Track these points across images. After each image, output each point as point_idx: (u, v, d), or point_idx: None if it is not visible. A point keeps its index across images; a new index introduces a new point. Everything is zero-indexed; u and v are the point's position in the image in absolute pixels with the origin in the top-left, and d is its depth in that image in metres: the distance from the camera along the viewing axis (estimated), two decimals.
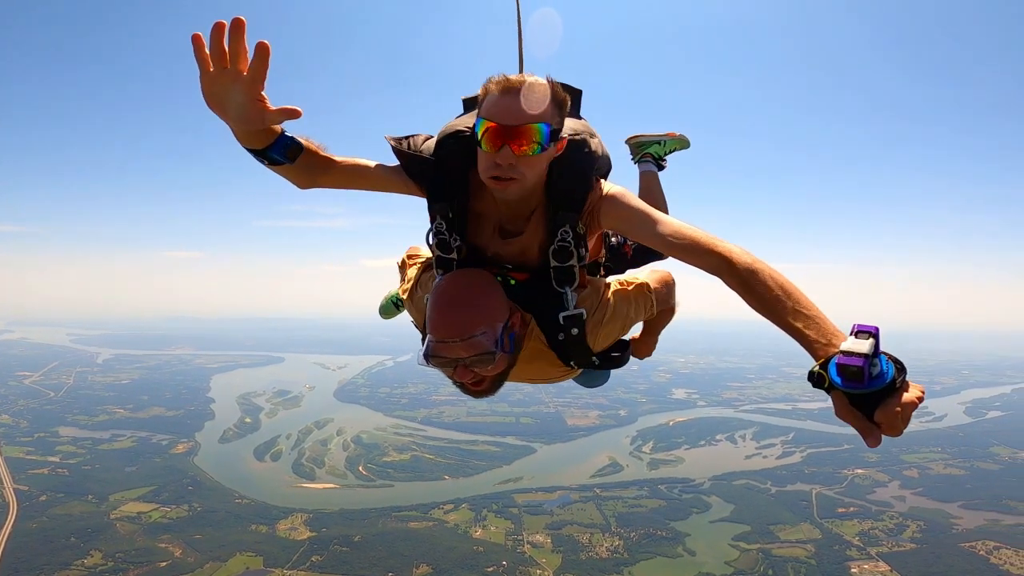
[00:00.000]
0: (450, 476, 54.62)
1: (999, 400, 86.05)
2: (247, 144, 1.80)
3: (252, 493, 48.17)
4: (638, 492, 49.94)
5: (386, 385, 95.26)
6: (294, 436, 65.24)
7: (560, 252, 2.03)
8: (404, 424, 72.44)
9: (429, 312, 1.94)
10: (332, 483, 52.33)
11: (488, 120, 1.80)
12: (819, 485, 51.19)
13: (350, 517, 44.24)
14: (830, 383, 1.30)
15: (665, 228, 1.89)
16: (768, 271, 1.65)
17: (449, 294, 1.94)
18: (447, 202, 2.06)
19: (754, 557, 38.74)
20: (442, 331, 1.86)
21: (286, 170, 1.93)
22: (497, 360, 1.90)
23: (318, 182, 2.05)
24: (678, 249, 1.85)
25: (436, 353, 1.88)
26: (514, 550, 39.75)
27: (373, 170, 2.12)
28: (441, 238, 2.10)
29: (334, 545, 39.56)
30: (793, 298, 1.55)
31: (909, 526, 42.83)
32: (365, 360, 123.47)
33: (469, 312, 1.88)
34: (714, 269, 1.75)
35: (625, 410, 78.15)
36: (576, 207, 2.01)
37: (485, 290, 1.97)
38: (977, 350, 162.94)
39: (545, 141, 1.81)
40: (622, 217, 2.00)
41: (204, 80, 1.59)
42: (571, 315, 2.08)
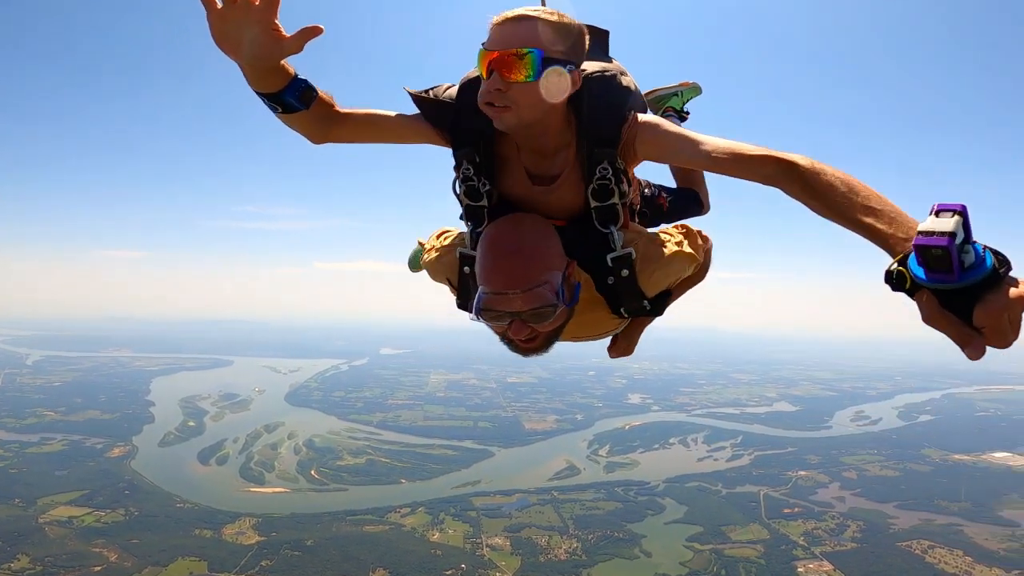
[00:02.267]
0: (407, 479, 53.90)
1: (930, 405, 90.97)
2: (260, 87, 1.69)
3: (195, 497, 46.52)
4: (595, 494, 50.41)
5: (340, 389, 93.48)
6: (242, 440, 63.19)
7: (600, 190, 1.94)
8: (359, 428, 71.10)
9: (482, 261, 1.82)
10: (282, 487, 50.96)
11: (484, 48, 1.75)
12: (766, 487, 52.91)
13: (302, 521, 43.15)
14: (913, 282, 1.07)
15: (710, 146, 1.80)
16: (832, 170, 1.54)
17: (505, 241, 1.82)
18: (472, 146, 1.97)
19: (707, 557, 39.57)
20: (499, 282, 1.74)
21: (300, 119, 1.81)
22: (557, 313, 1.79)
23: (333, 134, 1.94)
24: (729, 163, 1.76)
25: (490, 307, 1.76)
26: (473, 553, 39.49)
27: (393, 119, 2.03)
28: (469, 184, 2.00)
29: (285, 549, 38.44)
30: (862, 194, 1.44)
31: (850, 526, 44.57)
32: (318, 364, 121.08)
33: (528, 260, 1.76)
34: (771, 178, 1.67)
35: (582, 414, 78.97)
36: (612, 141, 1.91)
37: (543, 236, 1.85)
38: (910, 358, 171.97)
39: (536, 68, 1.71)
40: (661, 143, 1.91)
41: (212, 18, 1.48)
42: (620, 255, 1.97)
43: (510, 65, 1.71)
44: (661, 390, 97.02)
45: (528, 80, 1.72)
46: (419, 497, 48.74)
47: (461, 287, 2.16)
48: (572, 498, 49.43)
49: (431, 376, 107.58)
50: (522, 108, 1.77)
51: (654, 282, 2.07)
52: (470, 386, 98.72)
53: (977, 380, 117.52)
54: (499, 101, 1.75)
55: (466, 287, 2.12)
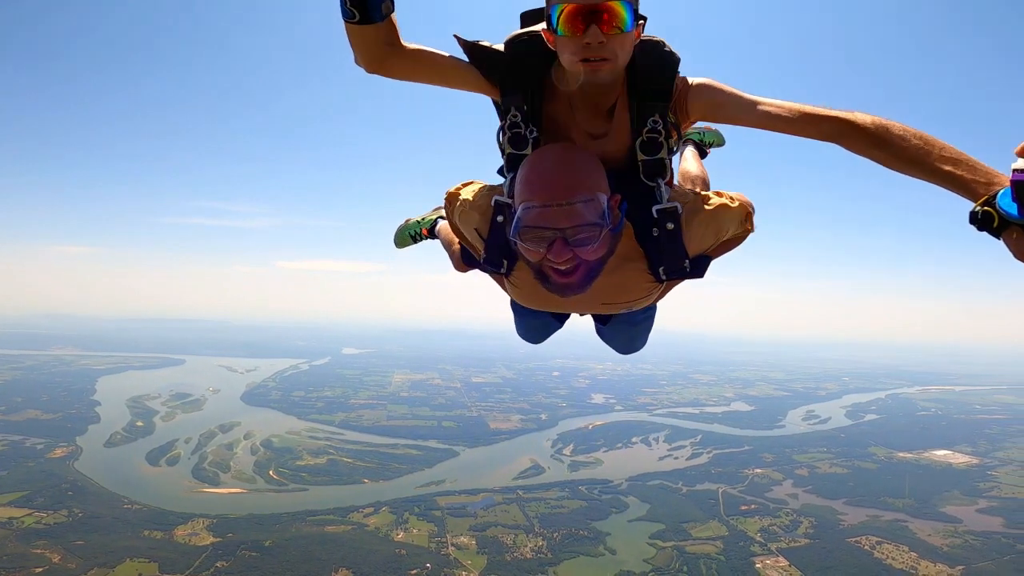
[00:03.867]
0: (369, 479, 53.13)
1: (875, 404, 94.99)
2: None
3: (144, 498, 44.86)
4: (560, 493, 50.67)
5: (300, 389, 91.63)
6: (194, 440, 61.19)
7: (649, 143, 1.94)
8: (320, 428, 69.79)
9: (525, 175, 1.75)
10: (239, 488, 49.58)
11: (567, 2, 1.70)
12: (724, 484, 54.21)
13: (260, 522, 42.02)
14: (1000, 219, 1.11)
15: (767, 105, 1.81)
16: (899, 123, 1.56)
17: (551, 155, 1.77)
18: (522, 94, 1.96)
19: (670, 554, 40.23)
20: (544, 193, 1.67)
21: (370, 32, 1.73)
22: (602, 237, 1.72)
23: (389, 64, 1.86)
24: (788, 121, 1.77)
25: (534, 222, 1.68)
26: (438, 552, 39.17)
27: (448, 60, 1.97)
28: (516, 131, 1.98)
29: (242, 550, 37.35)
30: (937, 144, 1.45)
31: (803, 522, 46.02)
32: (277, 363, 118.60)
33: (575, 174, 1.70)
34: (835, 134, 1.68)
35: (546, 414, 79.42)
36: (664, 95, 1.91)
37: (590, 157, 1.80)
38: (856, 358, 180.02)
39: (630, 19, 1.72)
40: (715, 101, 1.92)
41: None
42: (666, 208, 1.92)
43: (607, 16, 1.69)
44: (624, 390, 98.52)
45: (623, 31, 1.72)
46: (382, 497, 48.08)
47: (491, 237, 2.06)
48: (537, 497, 49.55)
49: (394, 376, 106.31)
50: (619, 59, 1.77)
51: (699, 237, 2.01)
52: (434, 386, 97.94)
53: (918, 381, 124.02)
54: (600, 54, 1.72)
55: (497, 238, 2.02)
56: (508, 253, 2.03)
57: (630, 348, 3.16)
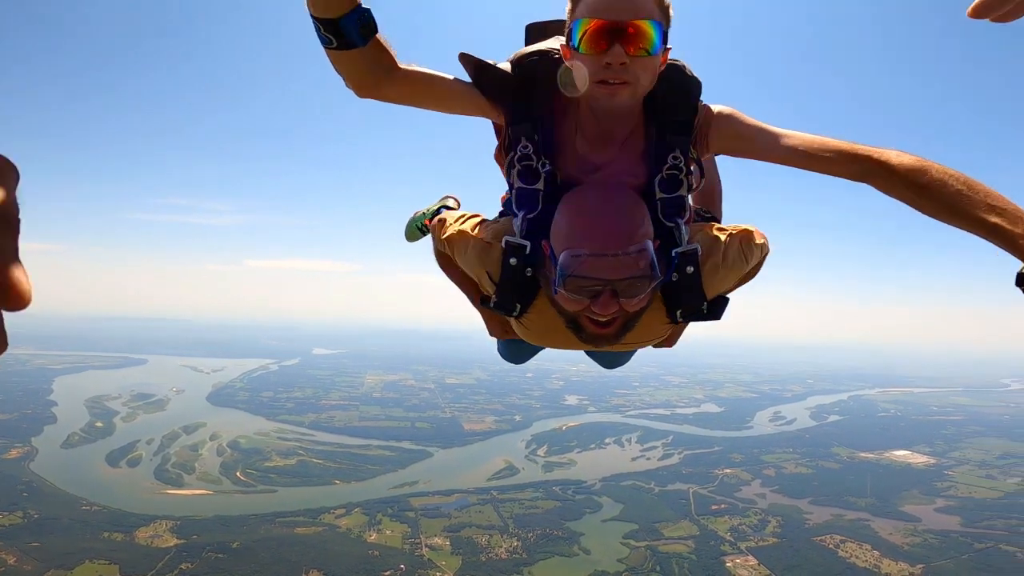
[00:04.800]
0: (341, 481, 52.41)
1: (838, 406, 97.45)
2: (321, 10, 1.44)
3: (104, 500, 43.52)
4: (534, 494, 50.75)
5: (269, 389, 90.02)
6: (157, 441, 59.46)
7: (670, 180, 1.79)
8: (289, 429, 68.50)
9: (572, 221, 1.61)
10: (204, 489, 48.42)
11: (592, 18, 1.56)
12: (695, 484, 54.96)
13: (226, 523, 41.06)
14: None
15: (793, 140, 1.69)
16: (940, 165, 1.44)
17: (598, 198, 1.63)
18: (532, 122, 1.81)
19: (643, 554, 40.61)
20: (596, 242, 1.54)
21: (354, 58, 1.56)
22: (650, 288, 1.62)
23: (383, 89, 1.69)
24: (813, 158, 1.64)
25: (583, 272, 1.54)
26: (412, 553, 38.82)
27: (450, 84, 1.81)
28: (526, 164, 1.81)
29: (208, 552, 36.47)
30: (981, 190, 1.34)
31: (770, 522, 46.91)
32: (245, 364, 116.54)
33: (629, 221, 1.58)
34: (866, 174, 1.56)
35: (520, 415, 79.44)
36: (686, 128, 1.79)
37: (637, 200, 1.67)
38: (820, 361, 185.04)
39: (658, 43, 1.58)
40: (739, 134, 1.79)
41: None
42: (686, 251, 1.77)
43: (633, 36, 1.55)
44: (597, 392, 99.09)
45: (649, 54, 1.58)
46: (355, 498, 47.45)
47: (504, 281, 1.87)
48: (511, 497, 49.53)
49: (367, 377, 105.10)
50: (640, 84, 1.63)
51: (719, 280, 1.90)
52: (408, 387, 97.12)
53: (879, 383, 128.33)
54: (620, 76, 1.58)
55: (510, 280, 1.86)
56: (522, 297, 1.89)
57: (616, 364, 3.09)
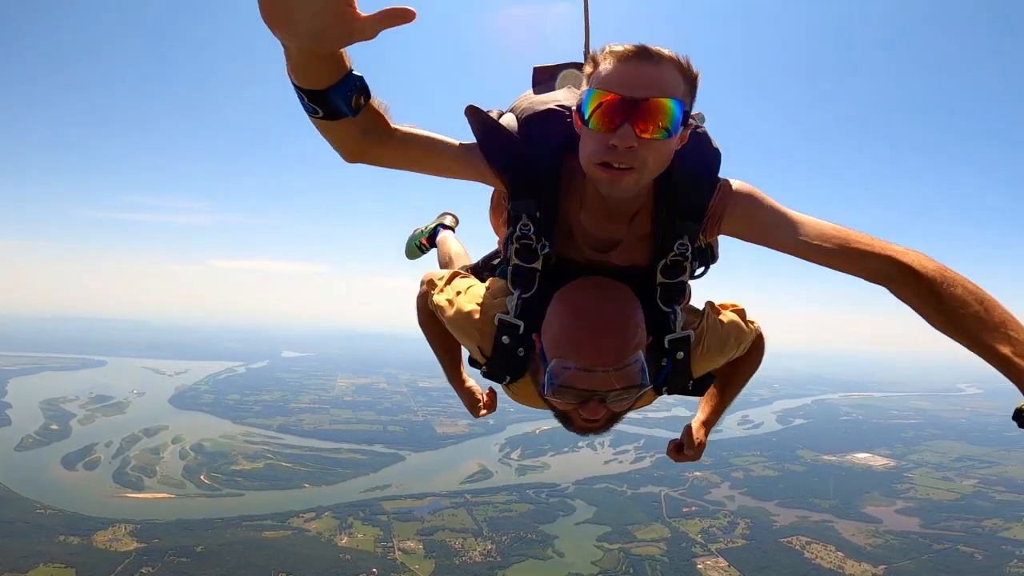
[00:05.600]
0: (311, 484, 51.65)
1: (802, 410, 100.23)
2: (307, 80, 1.27)
3: (59, 503, 42.24)
4: (508, 497, 50.71)
5: (235, 392, 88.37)
6: (116, 444, 57.87)
7: (672, 267, 1.69)
8: (256, 432, 67.27)
9: (564, 330, 1.52)
10: (165, 492, 47.33)
11: (605, 91, 1.40)
12: (666, 487, 55.61)
13: (189, 527, 40.12)
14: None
15: (810, 232, 1.57)
16: (962, 280, 1.38)
17: (597, 309, 1.52)
18: (535, 199, 1.67)
19: (616, 556, 40.87)
20: (589, 357, 1.45)
21: (342, 128, 1.42)
22: (642, 394, 1.56)
23: (371, 154, 1.57)
24: (830, 256, 1.55)
25: (573, 384, 1.47)
26: (384, 557, 38.43)
27: (444, 146, 1.68)
28: (525, 243, 1.69)
29: (170, 556, 35.62)
30: (997, 315, 1.30)
31: (739, 523, 47.77)
32: (210, 366, 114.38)
33: (623, 333, 1.49)
34: (883, 277, 1.49)
35: (494, 419, 77.49)
36: (698, 214, 1.65)
37: (633, 308, 1.57)
38: (785, 366, 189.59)
39: (676, 124, 1.41)
40: (754, 222, 1.65)
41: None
42: (678, 338, 1.71)
43: (647, 117, 1.38)
44: None
45: (664, 137, 1.42)
46: (325, 502, 46.82)
47: (495, 356, 1.79)
48: (485, 501, 49.39)
49: (338, 380, 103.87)
50: (648, 170, 1.47)
51: (707, 363, 1.85)
52: (379, 390, 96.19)
53: (841, 388, 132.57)
54: (625, 160, 1.42)
55: (501, 357, 1.77)
56: (512, 370, 1.80)
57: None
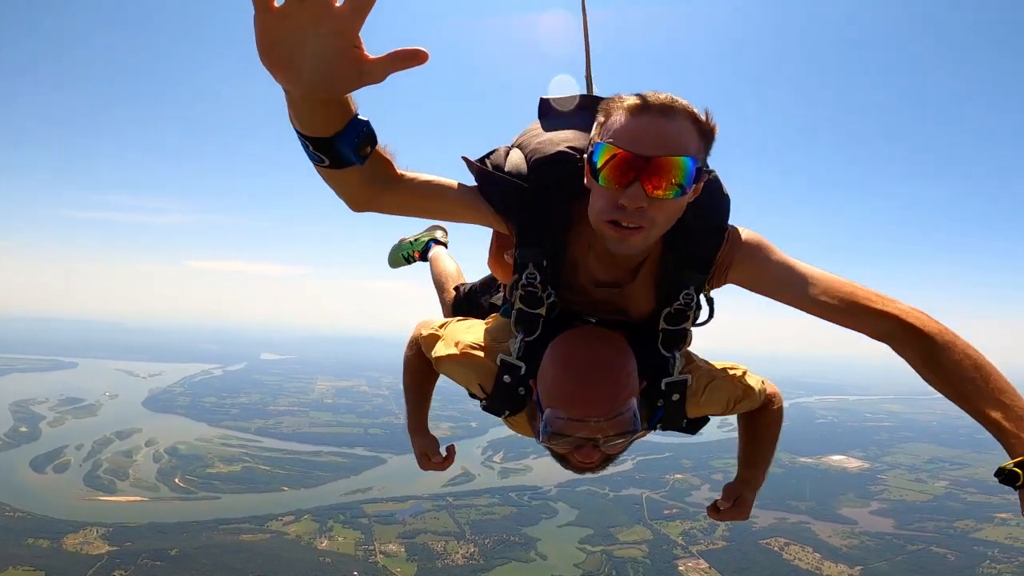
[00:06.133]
0: (290, 487, 50.93)
1: None
2: (311, 127, 1.20)
3: (28, 506, 41.40)
4: (490, 500, 50.50)
5: (212, 395, 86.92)
6: (87, 446, 56.55)
7: (676, 315, 1.70)
8: (234, 435, 66.18)
9: (557, 383, 1.54)
10: (138, 496, 46.31)
11: (615, 146, 1.35)
12: (647, 489, 55.89)
13: (164, 530, 39.34)
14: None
15: (816, 287, 1.58)
16: (963, 344, 1.42)
17: (586, 362, 1.54)
18: (543, 247, 1.65)
19: (599, 559, 40.94)
20: (581, 408, 1.48)
21: (349, 176, 1.36)
22: (635, 438, 1.59)
23: (378, 202, 1.55)
24: (835, 312, 1.56)
25: (566, 432, 1.50)
26: (365, 560, 37.99)
27: (449, 192, 1.66)
28: (530, 291, 1.68)
29: (143, 559, 34.95)
30: (992, 382, 1.34)
31: (719, 525, 47.47)
32: (185, 368, 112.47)
33: (613, 386, 1.51)
34: (887, 335, 1.52)
35: (476, 422, 78.70)
36: (705, 265, 1.64)
37: (625, 358, 1.58)
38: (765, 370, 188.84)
39: (688, 182, 1.37)
40: (760, 273, 1.66)
41: (265, 19, 0.96)
42: (675, 381, 1.73)
43: (659, 176, 1.34)
44: None
45: (675, 196, 1.38)
46: (304, 505, 46.16)
47: (495, 393, 1.80)
48: (468, 504, 49.08)
49: (318, 383, 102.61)
50: (657, 228, 1.44)
51: (700, 408, 1.86)
52: (360, 393, 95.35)
53: (816, 391, 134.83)
54: (634, 220, 1.39)
55: (502, 394, 1.78)
56: (511, 405, 1.80)
57: None
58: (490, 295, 2.73)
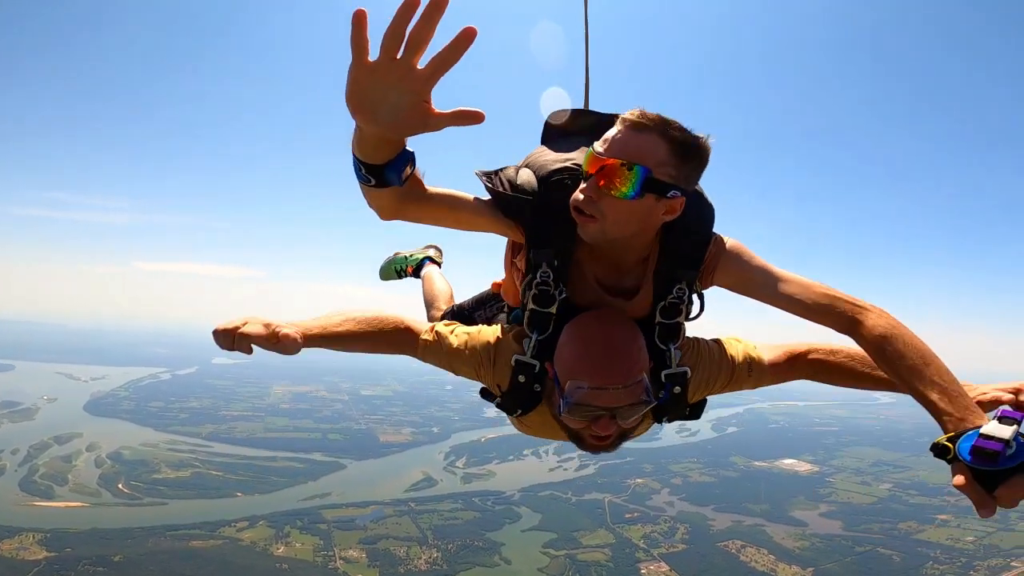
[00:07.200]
0: (244, 493, 49.22)
1: (735, 418, 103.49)
2: (369, 156, 1.46)
3: None
4: (453, 505, 49.98)
5: (159, 399, 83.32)
6: (23, 451, 53.59)
7: (670, 309, 1.89)
8: (182, 440, 63.63)
9: (576, 354, 1.72)
10: (78, 501, 44.09)
11: (592, 149, 1.66)
12: (609, 494, 56.37)
13: (106, 536, 37.60)
14: (955, 456, 1.30)
15: (790, 287, 1.80)
16: (908, 335, 1.61)
17: (604, 336, 1.73)
18: (552, 248, 1.84)
19: (562, 563, 40.98)
20: (602, 377, 1.66)
21: (387, 194, 1.61)
22: (645, 411, 1.76)
23: (405, 211, 1.76)
24: (805, 309, 1.77)
25: (588, 402, 1.67)
26: (325, 566, 37.07)
27: (468, 204, 1.86)
28: (544, 289, 1.86)
29: (84, 565, 33.39)
30: (931, 367, 1.52)
31: (679, 528, 48.83)
32: (131, 372, 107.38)
33: (628, 356, 1.71)
34: (847, 329, 1.72)
35: (439, 427, 78.23)
36: (695, 263, 1.86)
37: (636, 334, 1.78)
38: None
39: (636, 187, 1.59)
40: (741, 274, 1.88)
41: (359, 72, 1.19)
42: (674, 373, 1.90)
43: (610, 175, 1.59)
44: None
45: (624, 197, 1.60)
46: (259, 510, 44.66)
47: (511, 392, 1.96)
48: (430, 508, 48.46)
49: (274, 387, 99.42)
50: (608, 223, 1.66)
51: (701, 391, 2.04)
52: (319, 398, 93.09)
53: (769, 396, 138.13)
54: (587, 209, 1.65)
55: (518, 392, 1.94)
56: (524, 404, 1.97)
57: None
58: (484, 312, 2.90)
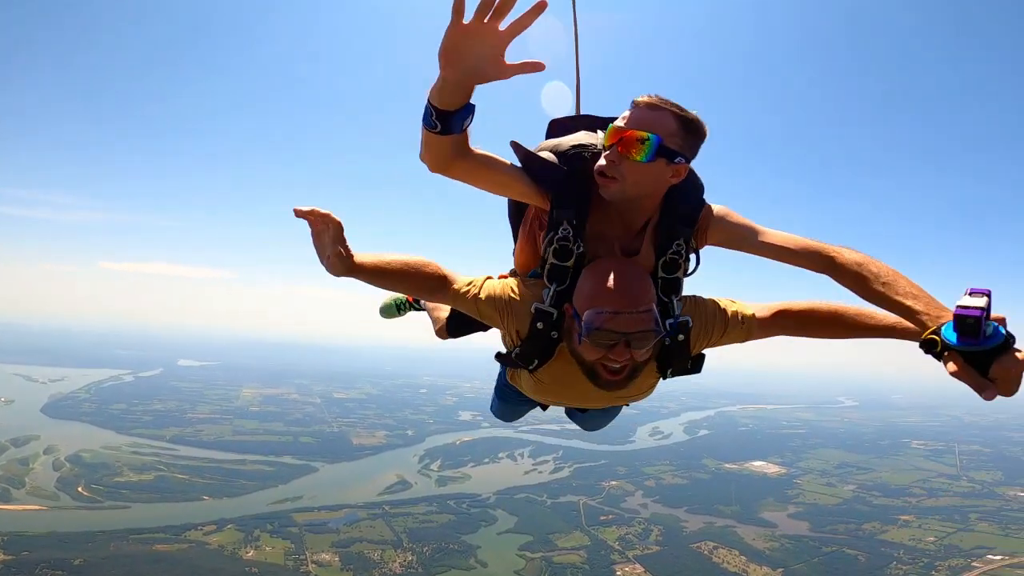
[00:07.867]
0: (211, 496, 47.72)
1: (706, 421, 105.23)
2: (443, 102, 1.67)
3: None
4: (428, 508, 49.43)
5: (121, 401, 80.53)
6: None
7: (670, 264, 2.14)
8: (146, 443, 61.54)
9: (595, 286, 1.94)
10: (36, 504, 42.48)
11: (613, 124, 1.96)
12: (584, 496, 56.50)
13: (65, 540, 36.29)
14: (943, 345, 1.42)
15: (771, 237, 2.09)
16: (878, 261, 1.84)
17: (619, 269, 1.97)
18: (574, 208, 2.11)
19: (538, 565, 40.88)
20: (617, 302, 1.88)
21: (446, 142, 1.81)
22: (655, 341, 1.96)
23: (452, 167, 1.94)
24: (787, 254, 2.05)
25: (604, 325, 1.87)
26: (296, 570, 36.18)
27: (504, 167, 2.10)
28: (564, 244, 2.10)
29: (43, 569, 32.17)
30: (903, 280, 1.73)
31: (653, 530, 49.16)
32: (92, 373, 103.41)
33: (641, 286, 1.94)
34: (824, 268, 1.96)
35: (413, 430, 77.32)
36: (691, 221, 2.14)
37: (644, 271, 2.05)
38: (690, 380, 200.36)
39: (651, 152, 1.90)
40: (730, 232, 2.17)
41: (455, 31, 1.51)
42: (678, 321, 2.15)
43: (629, 144, 1.89)
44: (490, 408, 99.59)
45: (640, 160, 1.90)
46: (228, 514, 43.43)
47: (529, 340, 2.18)
48: (404, 512, 47.80)
49: (243, 390, 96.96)
50: (627, 183, 1.96)
51: (703, 343, 2.28)
52: (290, 401, 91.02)
53: (739, 400, 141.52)
54: (609, 172, 1.95)
55: (536, 339, 2.16)
56: (541, 354, 2.17)
57: (599, 427, 3.49)
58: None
